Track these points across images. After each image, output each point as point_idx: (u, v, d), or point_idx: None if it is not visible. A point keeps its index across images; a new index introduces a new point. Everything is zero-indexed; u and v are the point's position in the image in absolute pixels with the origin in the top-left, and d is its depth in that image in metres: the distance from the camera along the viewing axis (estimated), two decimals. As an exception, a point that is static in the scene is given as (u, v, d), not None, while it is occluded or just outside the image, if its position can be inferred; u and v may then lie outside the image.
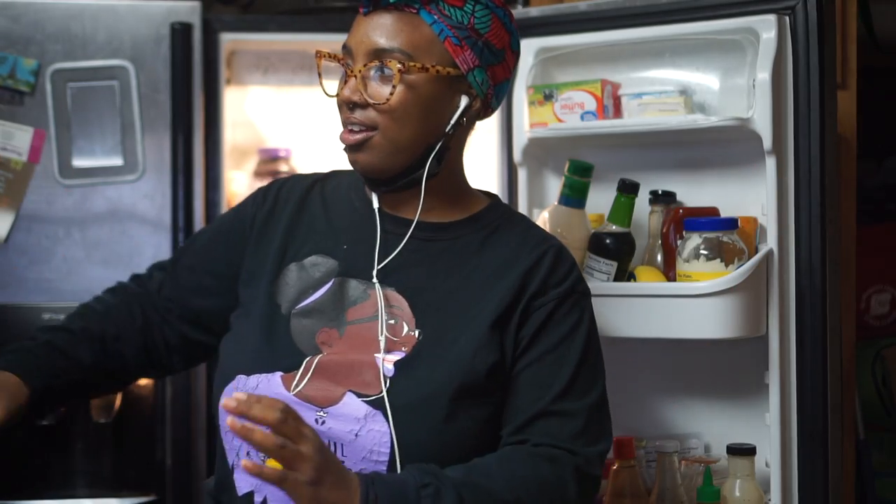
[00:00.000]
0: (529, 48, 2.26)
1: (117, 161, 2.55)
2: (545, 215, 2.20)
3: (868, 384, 3.61)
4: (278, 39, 2.73)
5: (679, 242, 2.13)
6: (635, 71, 2.29)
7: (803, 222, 2.08)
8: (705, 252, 2.08)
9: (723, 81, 2.22)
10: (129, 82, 2.54)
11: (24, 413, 1.69)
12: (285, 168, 2.86)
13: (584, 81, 2.26)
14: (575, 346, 1.67)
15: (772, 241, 2.10)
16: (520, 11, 2.39)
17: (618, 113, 2.26)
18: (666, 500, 2.08)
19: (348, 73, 1.65)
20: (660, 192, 2.25)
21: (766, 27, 2.09)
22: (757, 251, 2.13)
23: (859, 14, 2.62)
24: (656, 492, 2.09)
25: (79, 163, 2.53)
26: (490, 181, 2.70)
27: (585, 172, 2.18)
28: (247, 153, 2.94)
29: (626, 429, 2.14)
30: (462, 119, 1.68)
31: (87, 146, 2.54)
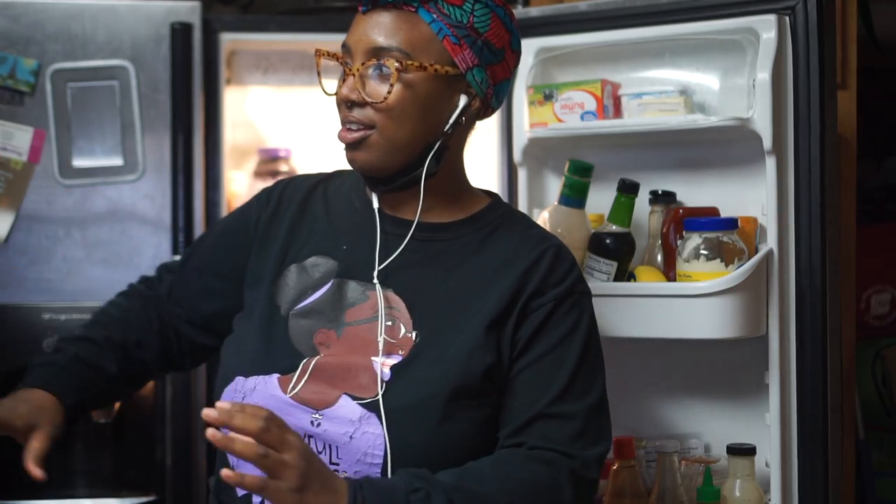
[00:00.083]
0: (529, 48, 2.26)
1: (117, 161, 2.55)
2: (545, 215, 2.20)
3: (868, 384, 3.61)
4: (278, 39, 2.73)
5: (679, 242, 2.13)
6: (635, 71, 2.29)
7: (803, 222, 2.08)
8: (705, 252, 2.08)
9: (723, 81, 2.22)
10: (129, 82, 2.54)
11: (63, 432, 1.69)
12: (285, 168, 2.85)
13: (584, 81, 2.26)
14: (574, 347, 1.65)
15: (772, 241, 2.10)
16: (520, 11, 2.39)
17: (618, 113, 2.26)
18: (666, 500, 2.08)
19: (347, 71, 1.65)
20: (660, 192, 2.25)
21: (766, 27, 2.09)
22: (757, 251, 2.12)
23: (859, 14, 2.62)
24: (656, 492, 2.09)
25: (79, 163, 2.53)
26: (490, 181, 2.70)
27: (585, 172, 2.18)
28: (247, 153, 2.94)
29: (626, 429, 2.14)
30: (461, 118, 1.67)
31: (87, 146, 2.54)
